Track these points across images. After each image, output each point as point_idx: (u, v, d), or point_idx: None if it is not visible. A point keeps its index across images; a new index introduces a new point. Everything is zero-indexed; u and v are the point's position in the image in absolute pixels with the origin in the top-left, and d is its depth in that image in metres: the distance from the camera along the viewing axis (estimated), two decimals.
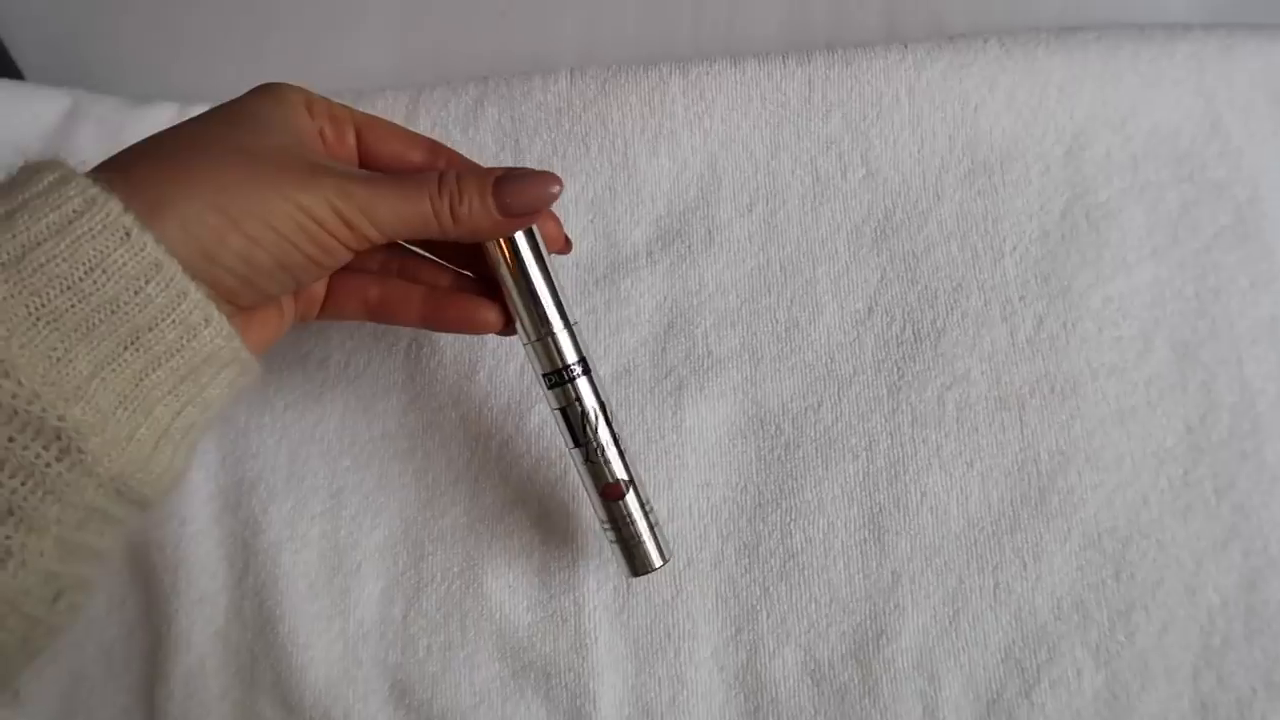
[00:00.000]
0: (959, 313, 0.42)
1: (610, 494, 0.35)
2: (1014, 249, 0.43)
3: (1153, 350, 0.41)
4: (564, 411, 0.35)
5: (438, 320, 0.35)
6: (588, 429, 0.34)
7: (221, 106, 0.31)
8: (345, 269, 0.34)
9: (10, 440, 0.25)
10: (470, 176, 0.32)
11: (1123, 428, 0.40)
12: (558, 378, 0.34)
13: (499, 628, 0.39)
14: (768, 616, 0.39)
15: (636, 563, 0.35)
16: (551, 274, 0.34)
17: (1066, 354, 0.41)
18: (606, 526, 0.35)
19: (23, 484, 0.25)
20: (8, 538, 0.25)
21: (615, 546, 0.35)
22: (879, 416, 0.41)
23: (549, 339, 0.34)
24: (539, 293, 0.34)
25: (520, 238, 0.33)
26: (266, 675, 0.39)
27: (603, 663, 0.39)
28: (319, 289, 0.35)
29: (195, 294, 0.28)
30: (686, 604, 0.39)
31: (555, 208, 0.43)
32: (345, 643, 0.39)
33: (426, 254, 0.37)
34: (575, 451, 0.35)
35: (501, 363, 0.42)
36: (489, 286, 0.35)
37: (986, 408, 0.41)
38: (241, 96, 0.32)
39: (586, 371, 0.34)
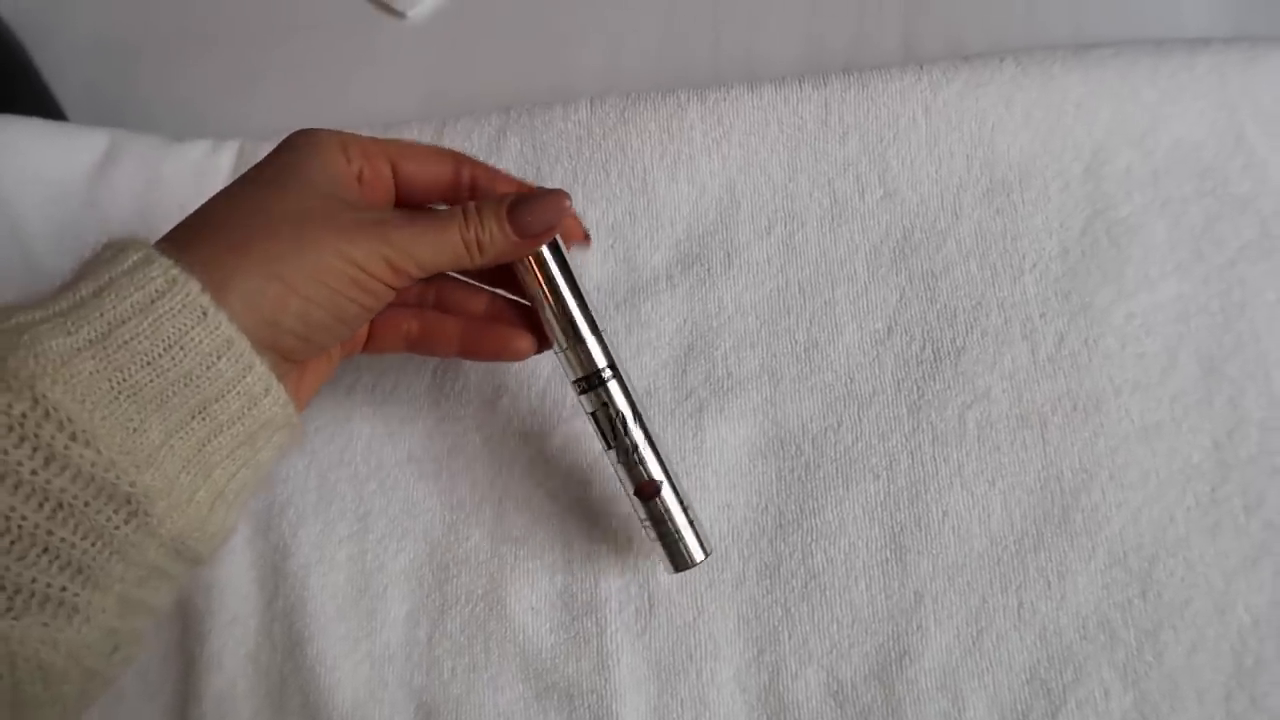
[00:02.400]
0: (979, 331, 0.42)
1: (646, 492, 0.36)
2: (1034, 266, 0.42)
3: (1177, 366, 0.41)
4: (597, 415, 0.36)
5: (475, 350, 0.37)
6: (619, 430, 0.36)
7: (263, 165, 0.33)
8: (386, 305, 0.35)
9: (86, 505, 0.26)
10: (487, 206, 0.33)
11: (1147, 445, 0.40)
12: (589, 382, 0.36)
13: (522, 649, 0.40)
14: (790, 637, 0.39)
15: (678, 559, 0.36)
16: (579, 284, 0.36)
17: (1089, 371, 0.41)
18: (646, 525, 0.36)
19: (92, 545, 0.27)
20: (75, 595, 0.27)
21: (657, 544, 0.36)
22: (899, 436, 0.41)
23: (579, 345, 0.35)
24: (567, 302, 0.35)
25: (546, 251, 0.35)
26: (295, 697, 0.40)
27: (625, 684, 0.39)
28: (363, 330, 0.36)
29: (260, 366, 0.30)
30: (708, 625, 0.40)
31: None
32: (372, 664, 0.40)
33: (463, 278, 0.38)
34: (610, 453, 0.36)
35: (525, 386, 0.43)
36: (522, 306, 0.37)
37: (1008, 426, 0.40)
38: (279, 150, 0.33)
39: (617, 375, 0.36)
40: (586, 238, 0.38)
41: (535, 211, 0.34)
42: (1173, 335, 0.41)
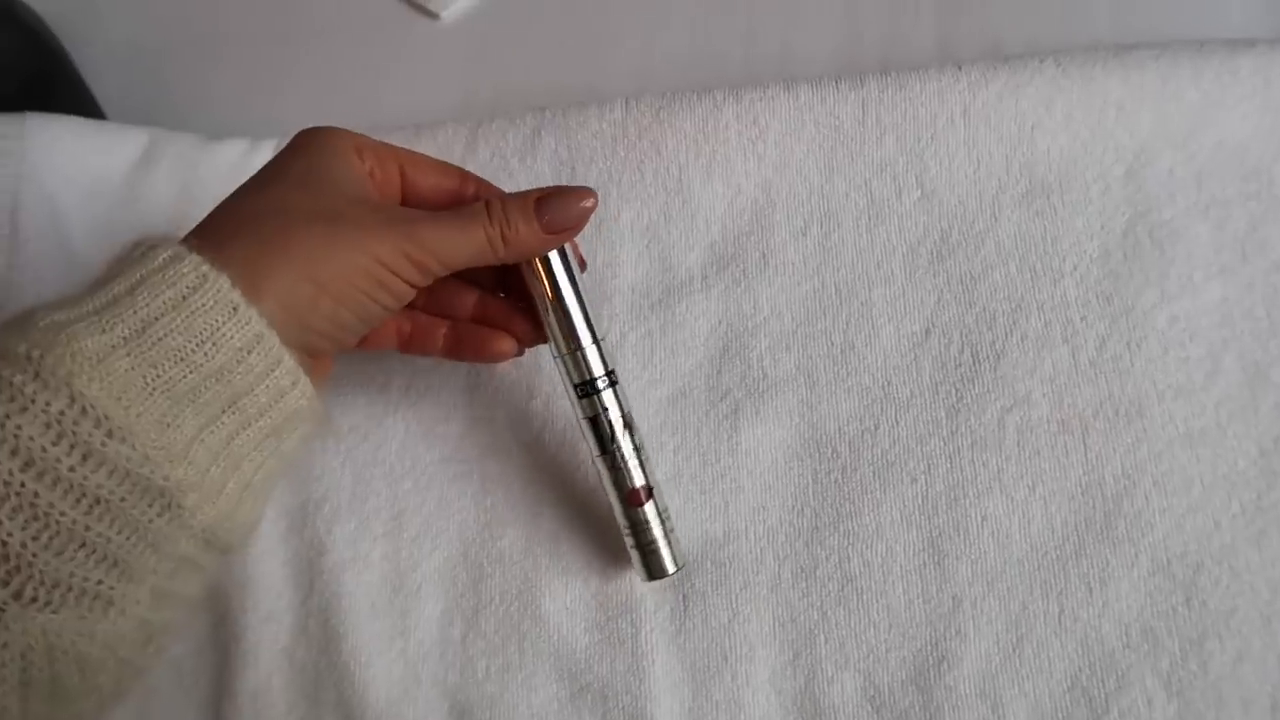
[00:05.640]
0: (1018, 334, 0.41)
1: (630, 501, 0.37)
2: (1074, 269, 0.42)
3: (1222, 371, 0.40)
4: (590, 421, 0.37)
5: (458, 351, 0.38)
6: (607, 438, 0.37)
7: (282, 164, 0.33)
8: None
9: (122, 500, 0.26)
10: (513, 202, 0.34)
11: (1191, 450, 0.39)
12: (585, 389, 0.36)
13: (556, 649, 0.40)
14: (826, 641, 0.39)
15: (653, 568, 0.37)
16: (582, 292, 0.36)
17: (1131, 375, 0.40)
18: (626, 532, 0.37)
19: (127, 539, 0.27)
20: (111, 588, 0.27)
21: (633, 552, 0.38)
22: (937, 440, 0.40)
23: (579, 352, 0.36)
24: (570, 310, 0.36)
25: (555, 259, 0.36)
26: (330, 693, 0.40)
27: (660, 685, 0.39)
28: None
29: (288, 360, 0.30)
30: (743, 627, 0.39)
31: (611, 231, 0.44)
32: (406, 662, 0.40)
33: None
34: (599, 460, 0.37)
35: (558, 388, 0.43)
36: (506, 308, 0.38)
37: (1048, 431, 0.40)
38: (296, 148, 0.34)
39: (613, 384, 0.37)
40: (582, 263, 0.38)
41: (564, 207, 0.34)
42: (1217, 340, 0.40)
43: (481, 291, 0.38)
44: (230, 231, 0.31)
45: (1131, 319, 0.41)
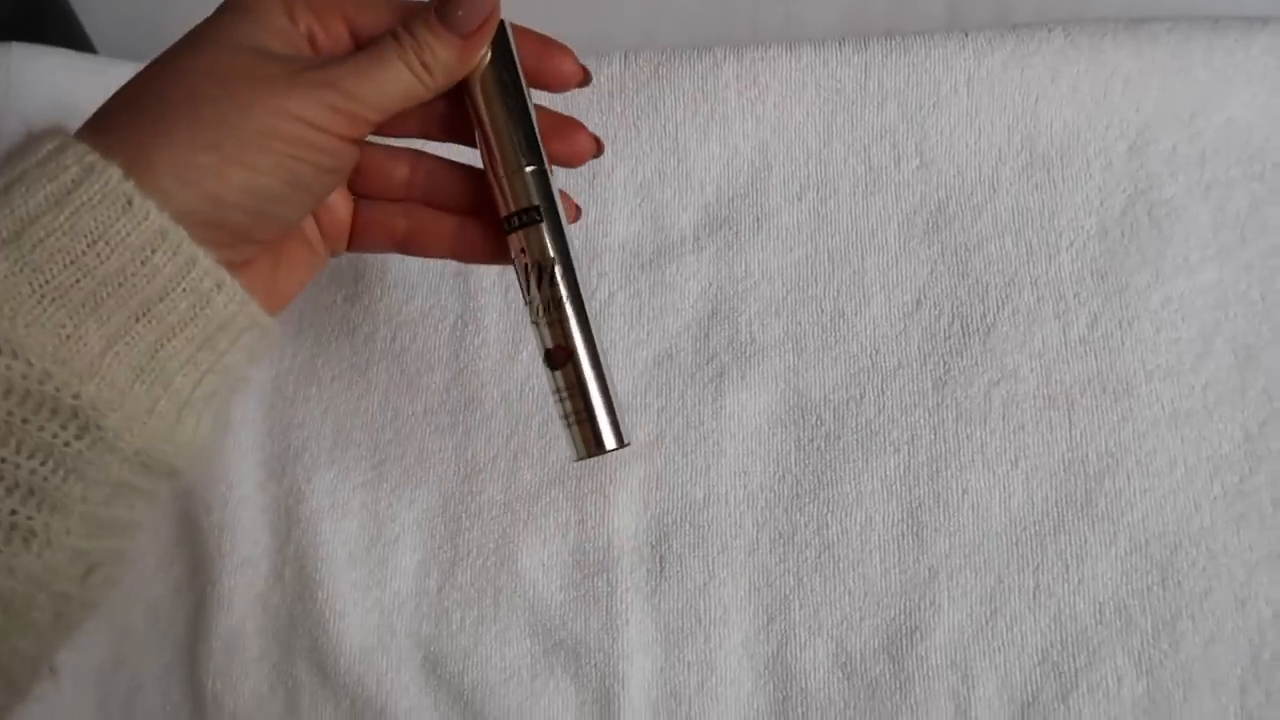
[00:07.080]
0: (1010, 308, 0.41)
1: (557, 358, 0.31)
2: (1070, 245, 0.41)
3: (1212, 353, 0.40)
4: (518, 260, 0.32)
5: (468, 250, 0.34)
6: (538, 281, 0.31)
7: (188, 35, 0.29)
8: (370, 200, 0.33)
9: (24, 421, 0.24)
10: (416, 19, 0.30)
11: (1176, 432, 0.39)
12: (516, 221, 0.31)
13: (531, 605, 0.40)
14: (800, 607, 0.39)
15: (587, 442, 0.32)
16: (531, 112, 0.32)
17: (1120, 354, 0.40)
18: (562, 397, 0.32)
19: (41, 464, 0.25)
20: (29, 519, 0.25)
21: (564, 423, 0.32)
22: (922, 411, 0.40)
23: (514, 176, 0.31)
24: (501, 122, 0.31)
25: (490, 58, 0.31)
26: (304, 640, 0.40)
27: (633, 645, 0.39)
28: (343, 217, 0.34)
29: (204, 260, 0.27)
30: (719, 590, 0.39)
31: (604, 188, 0.44)
32: (381, 612, 0.40)
33: (455, 162, 0.34)
34: (529, 308, 0.32)
35: None
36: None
37: (1034, 406, 0.40)
38: (210, 17, 0.30)
39: (553, 217, 0.32)
40: (586, 74, 0.34)
41: (466, 3, 0.29)
42: (1209, 322, 0.40)
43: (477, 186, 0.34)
44: (115, 116, 0.27)
45: (1125, 298, 0.41)
